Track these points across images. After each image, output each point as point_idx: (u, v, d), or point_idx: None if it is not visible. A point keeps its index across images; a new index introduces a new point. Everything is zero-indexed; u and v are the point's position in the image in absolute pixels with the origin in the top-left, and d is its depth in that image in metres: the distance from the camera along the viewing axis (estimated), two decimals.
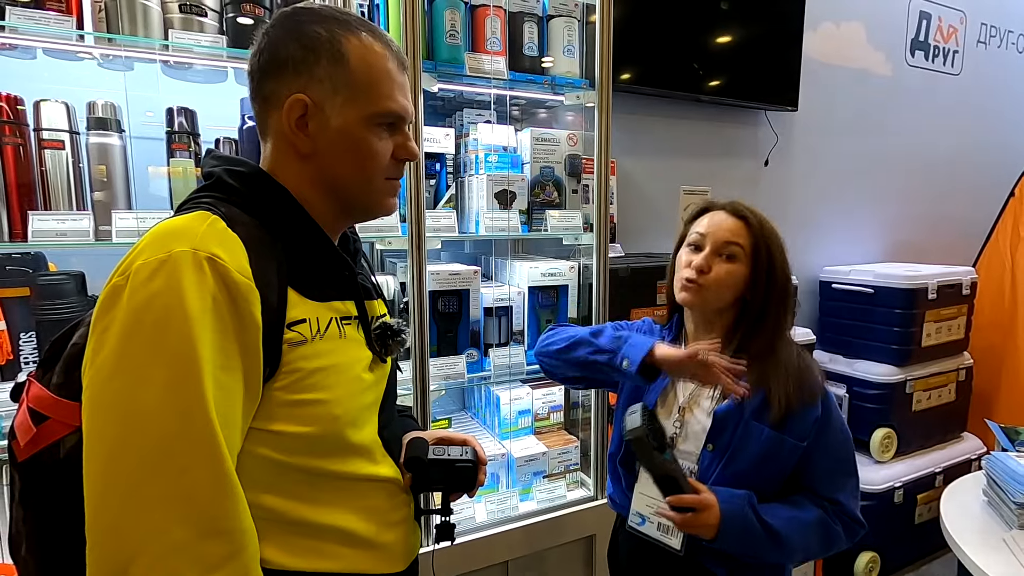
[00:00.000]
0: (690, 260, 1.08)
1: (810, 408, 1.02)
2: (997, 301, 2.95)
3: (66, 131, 1.20)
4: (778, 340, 1.07)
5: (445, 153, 1.61)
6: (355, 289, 0.80)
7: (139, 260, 0.62)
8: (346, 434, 0.75)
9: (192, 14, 1.25)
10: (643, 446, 0.97)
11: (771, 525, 0.99)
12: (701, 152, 2.44)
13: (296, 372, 0.69)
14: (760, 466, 1.02)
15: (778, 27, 2.43)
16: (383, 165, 0.78)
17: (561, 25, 1.62)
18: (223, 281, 0.62)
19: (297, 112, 0.73)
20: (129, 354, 0.59)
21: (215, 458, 0.60)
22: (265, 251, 0.69)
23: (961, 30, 3.16)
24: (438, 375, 1.50)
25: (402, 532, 0.86)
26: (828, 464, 1.05)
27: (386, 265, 1.76)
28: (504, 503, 1.59)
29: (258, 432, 0.68)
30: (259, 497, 0.69)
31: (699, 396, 1.10)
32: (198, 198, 0.73)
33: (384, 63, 0.76)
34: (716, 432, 1.05)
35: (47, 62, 1.27)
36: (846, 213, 2.92)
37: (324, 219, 0.78)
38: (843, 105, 2.80)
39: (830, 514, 1.03)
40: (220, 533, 0.60)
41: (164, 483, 0.58)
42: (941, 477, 2.53)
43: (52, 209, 1.20)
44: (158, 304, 0.59)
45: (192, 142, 1.33)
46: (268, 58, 0.74)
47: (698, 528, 0.99)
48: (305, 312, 0.72)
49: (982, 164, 3.37)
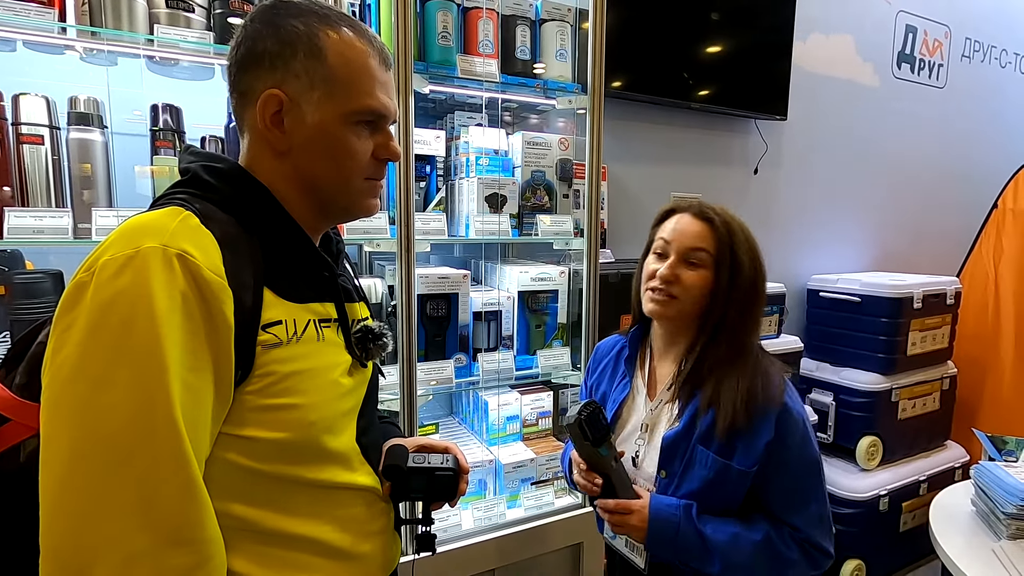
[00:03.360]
0: (655, 269, 1.04)
1: (762, 428, 0.96)
2: (980, 311, 2.99)
3: (46, 126, 1.17)
4: (741, 349, 1.01)
5: (436, 155, 1.59)
6: (335, 291, 0.78)
7: (105, 256, 0.59)
8: (322, 441, 0.72)
9: (179, 9, 1.22)
10: (576, 437, 0.97)
11: (708, 536, 0.96)
12: (691, 159, 2.45)
13: (270, 376, 0.67)
14: (708, 490, 0.99)
15: (768, 37, 2.45)
16: (362, 165, 0.76)
17: (554, 29, 1.62)
18: (193, 279, 0.60)
19: (272, 108, 0.71)
20: (91, 354, 0.56)
21: (180, 464, 0.57)
22: (241, 250, 0.67)
23: (946, 44, 3.22)
24: (425, 380, 1.48)
25: (380, 542, 0.83)
26: (784, 487, 0.99)
27: (374, 268, 1.74)
28: (491, 510, 1.56)
29: (228, 437, 0.65)
30: (229, 505, 0.66)
31: (660, 414, 1.07)
32: (173, 194, 0.70)
33: (364, 59, 0.74)
34: (666, 458, 1.02)
35: (28, 55, 1.23)
36: (833, 222, 2.95)
37: (304, 218, 0.76)
38: (831, 115, 2.83)
39: (785, 537, 0.98)
40: (184, 542, 0.58)
41: (125, 490, 0.55)
42: (926, 485, 2.54)
43: (30, 205, 1.16)
44: (124, 302, 0.57)
45: (177, 140, 1.30)
46: (245, 52, 0.72)
47: (626, 529, 1.00)
48: (281, 313, 0.69)
49: (966, 175, 3.42)
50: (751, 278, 1.02)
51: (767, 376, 1.00)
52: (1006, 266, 2.95)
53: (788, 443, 0.97)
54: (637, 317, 1.16)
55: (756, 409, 0.96)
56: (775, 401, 0.97)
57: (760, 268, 1.04)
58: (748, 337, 1.03)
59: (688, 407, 1.02)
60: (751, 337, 1.04)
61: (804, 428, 1.00)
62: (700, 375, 1.02)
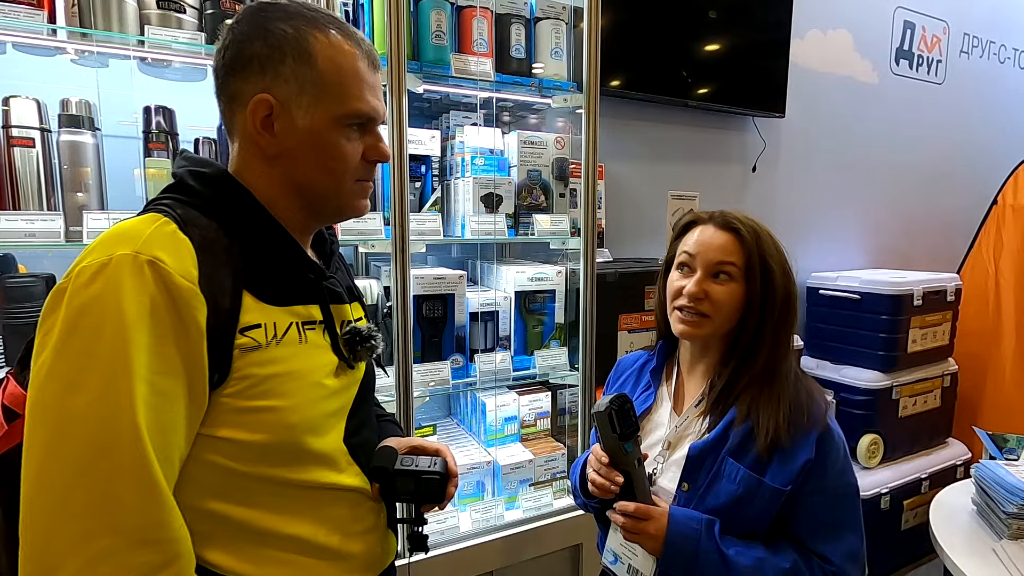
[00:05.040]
0: (681, 286, 0.97)
1: (801, 447, 0.91)
2: (981, 307, 2.97)
3: (37, 128, 1.16)
4: (778, 364, 0.96)
5: (431, 156, 1.59)
6: (320, 293, 0.78)
7: (83, 263, 0.62)
8: (304, 442, 0.72)
9: (170, 10, 1.21)
10: (603, 425, 0.92)
11: (731, 558, 0.89)
12: (689, 157, 2.44)
13: (247, 379, 0.67)
14: (734, 508, 0.92)
15: (766, 34, 2.44)
16: (352, 167, 0.77)
17: (548, 28, 1.61)
18: (164, 285, 0.61)
19: (262, 112, 0.72)
20: (64, 358, 0.59)
21: (142, 467, 0.59)
22: (220, 254, 0.68)
23: (944, 40, 3.20)
24: (422, 381, 1.47)
25: (370, 542, 0.83)
26: (817, 514, 0.92)
27: (370, 269, 1.73)
28: (490, 511, 1.56)
29: (206, 438, 0.67)
30: (210, 504, 0.68)
31: (686, 430, 1.00)
32: (159, 199, 0.72)
33: (353, 62, 0.74)
34: (691, 469, 0.95)
35: (18, 57, 1.22)
36: (832, 219, 2.94)
37: (292, 221, 0.77)
38: (830, 112, 2.82)
39: (814, 569, 0.91)
40: (151, 543, 0.59)
41: (91, 491, 0.57)
42: (927, 483, 2.53)
43: (21, 209, 1.15)
44: (95, 308, 0.59)
45: (170, 141, 1.29)
46: (233, 56, 0.72)
47: (641, 537, 0.93)
48: (261, 317, 0.70)
49: (965, 172, 3.41)
50: (784, 287, 0.96)
51: (810, 394, 0.95)
52: (1006, 262, 2.93)
53: (827, 466, 0.91)
54: (663, 332, 1.10)
55: (800, 426, 0.91)
56: (820, 421, 0.92)
57: (791, 276, 0.98)
58: (784, 351, 0.97)
59: (722, 420, 0.96)
60: (787, 351, 0.98)
61: (845, 453, 0.95)
62: (734, 390, 0.96)
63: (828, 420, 0.94)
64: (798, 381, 0.97)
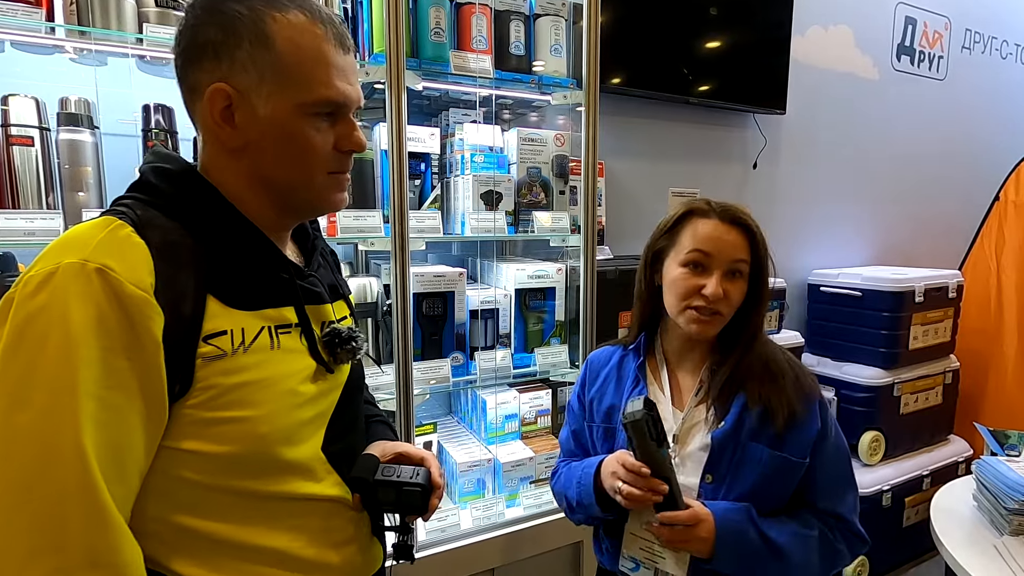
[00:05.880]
0: (697, 285, 0.95)
1: (808, 419, 0.96)
2: (982, 304, 2.97)
3: (36, 127, 1.16)
4: (767, 350, 1.01)
5: (430, 153, 1.58)
6: (294, 294, 0.73)
7: (31, 271, 0.58)
8: (277, 452, 0.68)
9: (168, 8, 1.21)
10: (641, 435, 0.87)
11: (773, 539, 0.92)
12: (690, 155, 2.43)
13: (212, 389, 0.63)
14: (761, 489, 0.94)
15: (766, 31, 2.43)
16: (323, 158, 0.71)
17: (548, 24, 1.60)
18: (114, 294, 0.57)
19: (220, 103, 0.66)
20: (8, 374, 0.55)
21: (87, 489, 0.55)
22: (182, 258, 0.64)
23: (946, 36, 3.19)
24: (422, 379, 1.47)
25: (350, 552, 0.79)
26: (829, 478, 0.98)
27: (370, 267, 1.73)
28: (490, 509, 1.56)
29: (170, 451, 0.63)
30: (178, 517, 0.65)
31: (692, 423, 1.00)
32: (121, 199, 0.68)
33: (317, 43, 0.68)
34: (715, 459, 0.95)
35: (16, 55, 1.22)
36: (833, 216, 2.93)
37: (263, 219, 0.72)
38: (831, 109, 2.81)
39: (833, 529, 0.97)
40: (99, 567, 0.56)
41: (35, 512, 0.54)
42: (928, 480, 2.53)
43: (20, 207, 1.15)
44: (40, 321, 0.56)
45: (169, 140, 1.29)
46: (188, 42, 0.67)
47: (691, 544, 0.91)
48: (227, 323, 0.66)
49: (967, 168, 3.40)
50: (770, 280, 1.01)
51: (800, 366, 1.02)
52: (1008, 259, 2.93)
53: (828, 431, 0.98)
54: (645, 324, 1.09)
55: (806, 397, 0.97)
56: (816, 389, 0.99)
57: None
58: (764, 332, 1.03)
59: (732, 407, 0.97)
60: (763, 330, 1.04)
61: (833, 415, 1.02)
62: (738, 378, 0.98)
63: (816, 383, 1.01)
64: (786, 356, 1.02)
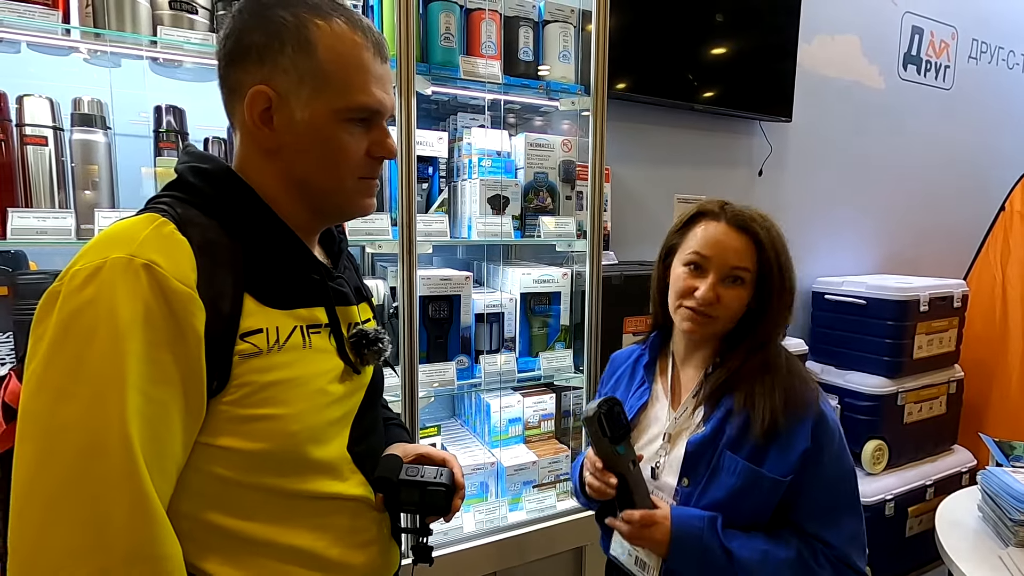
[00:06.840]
0: (692, 286, 0.97)
1: (798, 435, 0.91)
2: (987, 314, 2.96)
3: (50, 127, 1.17)
4: (773, 358, 0.98)
5: (438, 157, 1.59)
6: (325, 294, 0.75)
7: (76, 266, 0.59)
8: (306, 451, 0.70)
9: (182, 11, 1.22)
10: (592, 430, 0.91)
11: (735, 553, 0.89)
12: (696, 161, 2.43)
13: (247, 386, 0.65)
14: (735, 500, 0.92)
15: (773, 39, 2.44)
16: (356, 163, 0.73)
17: (557, 31, 1.61)
18: (160, 289, 0.59)
19: (260, 105, 0.68)
20: (55, 366, 0.56)
21: (133, 482, 0.56)
22: (221, 256, 0.65)
23: (952, 45, 3.19)
24: (427, 382, 1.47)
25: (372, 553, 0.80)
26: (818, 500, 0.93)
27: (376, 269, 1.74)
28: (493, 513, 1.56)
29: (204, 447, 0.64)
30: (208, 514, 0.66)
31: (684, 423, 1.01)
32: (159, 197, 0.69)
33: (358, 52, 0.70)
34: (690, 464, 0.96)
35: (32, 56, 1.24)
36: (839, 224, 2.93)
37: (296, 220, 0.73)
38: (837, 117, 2.82)
39: (818, 555, 0.92)
40: (144, 559, 0.57)
41: (81, 505, 0.55)
42: (932, 490, 2.52)
43: (33, 206, 1.17)
44: (88, 314, 0.56)
45: (180, 141, 1.30)
46: (232, 45, 0.69)
47: (646, 543, 0.94)
48: (262, 321, 0.67)
49: (972, 178, 3.39)
50: (791, 289, 0.98)
51: (803, 380, 0.96)
52: (1013, 269, 2.92)
53: (824, 452, 0.92)
54: (658, 323, 1.11)
55: (794, 411, 0.92)
56: (813, 405, 0.93)
57: (794, 273, 0.99)
58: (778, 342, 1.00)
59: (716, 411, 0.97)
60: (780, 341, 1.01)
61: (840, 438, 0.95)
62: (732, 383, 0.97)
63: (821, 405, 0.95)
64: (789, 366, 0.98)
